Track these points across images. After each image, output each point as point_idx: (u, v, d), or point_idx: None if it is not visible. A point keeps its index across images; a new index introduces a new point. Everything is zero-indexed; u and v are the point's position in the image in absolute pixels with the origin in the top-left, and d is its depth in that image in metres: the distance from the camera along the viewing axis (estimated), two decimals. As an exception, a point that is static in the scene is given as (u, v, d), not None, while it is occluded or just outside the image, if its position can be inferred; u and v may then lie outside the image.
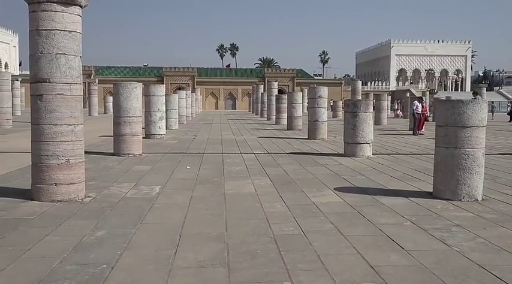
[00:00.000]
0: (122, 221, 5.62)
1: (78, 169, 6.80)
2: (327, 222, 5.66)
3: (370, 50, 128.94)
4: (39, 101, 6.57)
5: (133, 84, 12.56)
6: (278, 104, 29.14)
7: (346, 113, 12.78)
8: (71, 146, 6.68)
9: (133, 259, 4.30)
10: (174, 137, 18.10)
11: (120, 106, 12.28)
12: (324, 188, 7.83)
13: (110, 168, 9.86)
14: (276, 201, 6.85)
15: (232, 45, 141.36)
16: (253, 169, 9.87)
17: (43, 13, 6.45)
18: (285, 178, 8.78)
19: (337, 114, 39.93)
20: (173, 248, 4.61)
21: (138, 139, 12.42)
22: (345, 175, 9.13)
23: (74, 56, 6.67)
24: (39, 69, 6.52)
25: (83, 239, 4.86)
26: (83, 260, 4.24)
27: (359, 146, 12.18)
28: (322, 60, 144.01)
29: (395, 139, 19.02)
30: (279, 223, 5.59)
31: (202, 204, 6.55)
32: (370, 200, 6.93)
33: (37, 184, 6.63)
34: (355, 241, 4.90)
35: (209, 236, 5.03)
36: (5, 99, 24.11)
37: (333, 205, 6.60)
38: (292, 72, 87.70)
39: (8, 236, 4.93)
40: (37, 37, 6.49)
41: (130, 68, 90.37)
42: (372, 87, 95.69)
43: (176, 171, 9.58)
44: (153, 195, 7.12)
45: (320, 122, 17.90)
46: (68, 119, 6.64)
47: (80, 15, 6.74)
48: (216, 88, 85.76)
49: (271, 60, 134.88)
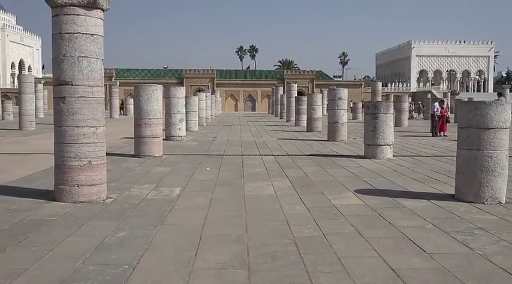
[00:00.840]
0: (142, 222, 5.67)
1: (100, 171, 6.88)
2: (347, 224, 5.63)
3: (390, 51, 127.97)
4: (61, 103, 6.67)
5: (154, 86, 12.66)
6: (298, 106, 29.07)
7: (366, 115, 12.69)
8: (93, 148, 6.77)
9: (154, 260, 4.33)
10: (194, 139, 18.19)
11: (141, 109, 12.38)
12: (344, 190, 7.79)
13: (130, 170, 9.95)
14: (296, 202, 6.84)
15: (252, 47, 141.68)
16: (273, 171, 9.86)
17: (66, 17, 6.55)
18: (305, 180, 8.76)
19: (357, 116, 39.68)
20: (193, 249, 4.63)
21: (159, 141, 12.52)
22: (365, 177, 9.07)
23: (96, 59, 6.76)
24: (62, 72, 6.62)
25: (105, 240, 4.92)
26: (104, 260, 4.28)
27: (379, 148, 12.09)
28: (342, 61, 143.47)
29: (416, 141, 18.82)
30: (299, 225, 5.58)
31: (222, 206, 6.57)
32: (391, 202, 6.87)
33: (60, 185, 6.73)
34: (375, 243, 4.86)
35: (229, 238, 5.04)
36: (28, 101, 24.51)
37: (353, 207, 6.56)
38: (311, 74, 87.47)
39: (32, 237, 5.01)
40: (60, 40, 6.59)
41: (151, 70, 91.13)
42: (392, 89, 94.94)
43: (196, 172, 9.62)
44: (173, 197, 7.17)
45: (340, 124, 17.81)
46: (90, 121, 6.72)
47: (101, 18, 6.82)
48: (235, 90, 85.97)
49: (290, 62, 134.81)
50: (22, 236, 5.00)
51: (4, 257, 4.36)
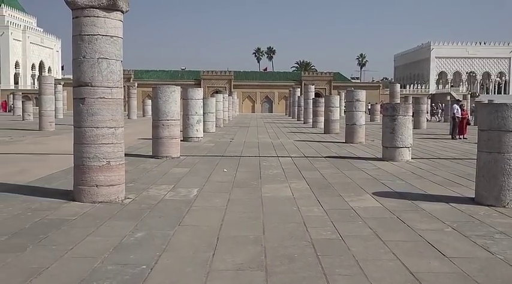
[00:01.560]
0: (160, 223, 5.70)
1: (119, 171, 6.93)
2: (365, 227, 5.59)
3: (409, 52, 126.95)
4: (81, 104, 6.74)
5: (172, 87, 12.73)
6: (315, 107, 29.00)
7: (384, 117, 12.60)
8: (112, 148, 6.83)
9: (172, 260, 4.35)
10: (211, 140, 18.24)
11: (158, 110, 12.46)
12: (362, 192, 7.74)
13: (148, 170, 10.02)
14: (314, 204, 6.81)
15: (269, 49, 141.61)
16: (290, 173, 9.84)
17: (86, 19, 6.62)
18: (323, 182, 8.73)
19: (375, 118, 39.45)
20: (211, 250, 4.64)
21: (176, 142, 12.58)
22: (383, 180, 9.00)
23: (115, 60, 6.82)
24: (82, 73, 6.69)
25: (123, 240, 4.95)
26: (123, 260, 4.31)
27: (398, 150, 11.99)
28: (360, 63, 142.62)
29: (435, 143, 18.64)
30: (317, 227, 5.56)
31: (239, 207, 6.58)
32: (410, 205, 6.81)
33: (79, 186, 6.80)
34: (394, 246, 4.82)
35: (247, 239, 5.04)
36: (48, 102, 24.82)
37: (372, 209, 6.52)
38: (329, 75, 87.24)
39: (52, 236, 5.07)
40: (80, 42, 6.67)
41: (169, 71, 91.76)
42: (411, 90, 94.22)
43: (213, 173, 9.65)
44: (191, 197, 7.19)
45: (358, 126, 17.71)
46: (109, 122, 6.78)
47: (121, 20, 6.88)
48: (252, 92, 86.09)
49: (308, 63, 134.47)
50: (42, 235, 5.07)
51: (25, 256, 4.42)
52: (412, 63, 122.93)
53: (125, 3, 6.79)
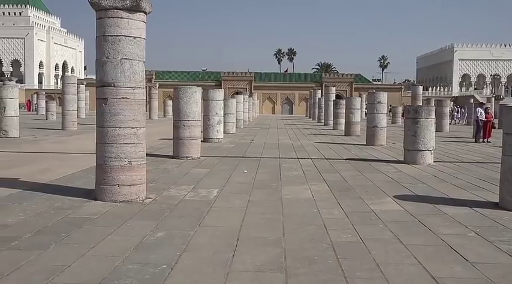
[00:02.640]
0: (181, 223, 5.72)
1: (140, 171, 6.99)
2: (386, 230, 5.54)
3: (432, 54, 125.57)
4: (104, 104, 6.81)
5: (193, 88, 12.79)
6: (336, 109, 28.88)
7: (406, 119, 12.47)
8: (133, 148, 6.88)
9: (192, 260, 4.37)
10: (232, 141, 18.28)
11: (180, 110, 12.53)
12: (383, 195, 7.67)
13: (169, 171, 10.08)
14: (334, 207, 6.77)
15: (290, 50, 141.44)
16: (310, 175, 9.81)
17: (109, 19, 6.69)
18: (343, 185, 8.67)
19: (396, 120, 39.09)
20: (231, 251, 4.64)
21: (197, 143, 12.63)
22: (404, 183, 8.91)
23: (138, 61, 6.88)
24: (105, 74, 6.76)
25: (144, 239, 4.99)
26: (143, 260, 4.34)
27: (420, 153, 11.85)
28: (382, 65, 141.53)
29: (458, 146, 18.38)
30: (337, 229, 5.52)
31: (259, 208, 6.57)
32: (432, 209, 6.72)
33: (100, 185, 6.87)
34: (415, 250, 4.76)
35: (266, 240, 5.04)
36: (71, 102, 25.17)
37: (393, 213, 6.45)
38: (350, 77, 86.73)
39: (74, 234, 5.13)
40: (103, 43, 6.74)
41: (190, 72, 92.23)
42: (434, 93, 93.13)
43: (233, 174, 9.66)
44: (211, 198, 7.21)
45: (379, 128, 17.57)
46: (131, 122, 6.84)
47: (144, 21, 6.94)
48: (273, 93, 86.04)
49: (329, 65, 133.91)
50: (64, 233, 5.13)
51: (47, 253, 4.48)
52: (434, 65, 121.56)
53: (148, 5, 6.84)
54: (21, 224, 5.51)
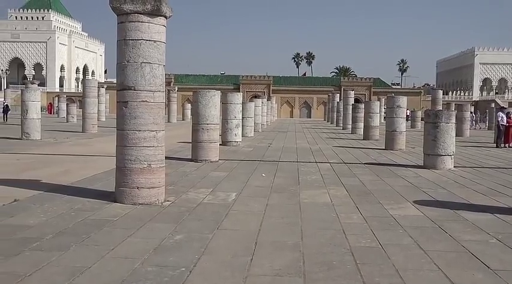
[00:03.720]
0: (199, 226, 5.74)
1: (159, 174, 7.04)
2: (405, 236, 5.48)
3: (452, 58, 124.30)
4: (124, 108, 6.88)
5: (212, 92, 12.84)
6: (354, 113, 28.73)
7: (426, 123, 12.35)
8: (153, 151, 6.93)
9: (211, 263, 4.38)
10: (250, 144, 18.30)
11: (198, 114, 12.59)
12: (402, 200, 7.60)
13: (188, 174, 10.13)
14: (353, 211, 6.73)
15: (309, 54, 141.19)
16: (329, 179, 9.77)
17: (130, 24, 6.76)
18: (362, 189, 8.62)
19: (416, 124, 38.74)
20: (249, 255, 4.64)
21: (215, 146, 12.68)
22: (424, 188, 8.82)
23: (158, 65, 6.94)
24: (126, 77, 6.83)
25: (163, 242, 5.02)
26: (162, 262, 4.37)
27: (440, 158, 11.73)
28: (401, 68, 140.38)
29: (479, 151, 18.14)
30: (356, 234, 5.49)
31: (277, 212, 6.57)
32: (452, 215, 6.64)
33: (120, 187, 6.93)
34: (435, 256, 4.70)
35: (285, 244, 5.03)
36: (91, 105, 25.49)
37: (412, 218, 6.39)
38: (369, 81, 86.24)
39: (94, 236, 5.18)
40: (124, 47, 6.81)
41: (208, 76, 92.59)
42: (454, 97, 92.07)
43: (252, 178, 9.67)
44: (229, 201, 7.23)
45: (398, 132, 17.44)
46: (151, 125, 6.89)
47: (164, 25, 7.00)
48: (291, 97, 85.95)
49: (347, 69, 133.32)
50: (85, 235, 5.19)
51: (68, 254, 4.53)
52: (455, 69, 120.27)
53: (168, 9, 6.90)
54: (43, 225, 5.59)
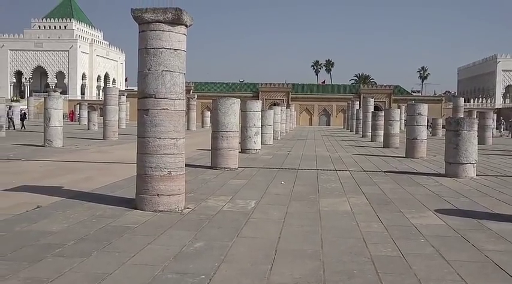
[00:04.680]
0: (219, 233, 5.75)
1: (179, 181, 7.07)
2: (427, 245, 5.41)
3: (473, 65, 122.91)
4: (145, 115, 6.94)
5: (232, 99, 12.89)
6: (374, 121, 28.56)
7: (448, 131, 12.21)
8: (173, 159, 6.98)
9: (231, 271, 4.38)
10: (269, 152, 18.29)
11: (218, 121, 12.64)
12: (423, 209, 7.51)
13: (207, 181, 10.16)
14: (373, 220, 6.68)
15: (328, 61, 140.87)
16: (349, 187, 9.70)
17: (151, 32, 6.83)
18: (382, 197, 8.54)
19: (437, 132, 38.32)
20: (269, 263, 4.63)
21: (235, 154, 12.70)
22: (446, 197, 8.70)
23: (179, 73, 6.99)
24: (147, 85, 6.90)
25: (183, 249, 5.03)
26: (182, 269, 4.38)
27: (461, 166, 11.57)
28: (421, 76, 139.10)
29: (502, 159, 17.85)
30: (376, 243, 5.44)
31: (297, 220, 6.54)
32: (475, 224, 6.54)
33: (141, 194, 6.98)
34: (458, 267, 4.63)
35: (304, 253, 5.00)
36: (112, 112, 25.77)
37: (434, 227, 6.31)
38: (389, 89, 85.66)
39: (115, 243, 5.22)
40: (145, 55, 6.89)
41: (227, 83, 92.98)
42: (475, 105, 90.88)
43: (271, 186, 9.66)
44: (248, 209, 7.22)
45: (419, 140, 17.27)
46: (171, 133, 6.94)
47: (185, 34, 7.06)
48: (310, 104, 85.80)
49: (367, 76, 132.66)
50: (106, 241, 5.23)
51: (90, 261, 4.58)
52: (476, 76, 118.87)
53: (189, 18, 6.96)
54: (65, 231, 5.65)
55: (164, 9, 6.77)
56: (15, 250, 4.86)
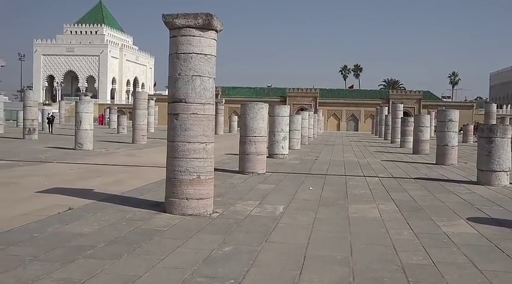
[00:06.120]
0: (247, 238, 5.75)
1: (208, 185, 7.11)
2: (459, 254, 5.30)
3: (506, 70, 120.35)
4: (175, 120, 7.01)
5: (260, 104, 12.91)
6: (403, 127, 28.19)
7: (480, 138, 11.97)
8: (202, 163, 7.02)
9: (259, 276, 4.37)
10: (297, 157, 18.24)
11: (246, 126, 12.67)
12: (455, 217, 7.37)
13: (235, 185, 10.18)
14: (403, 227, 6.58)
15: (356, 66, 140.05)
16: (378, 193, 9.59)
17: (182, 38, 6.90)
18: (412, 205, 8.42)
19: (468, 139, 37.59)
20: (298, 269, 4.60)
21: (263, 159, 12.70)
22: (478, 205, 8.52)
23: (208, 78, 7.04)
24: (177, 90, 6.96)
25: (212, 253, 5.05)
26: (211, 273, 4.39)
27: (494, 174, 11.31)
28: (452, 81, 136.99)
29: (536, 167, 17.38)
30: (407, 251, 5.35)
31: (326, 226, 6.50)
32: (509, 233, 6.38)
33: (170, 198, 7.04)
34: (492, 277, 4.52)
35: (333, 259, 4.96)
36: (141, 116, 26.07)
37: (466, 236, 6.18)
38: (418, 94, 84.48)
39: (145, 246, 5.27)
40: (176, 60, 6.95)
41: (255, 88, 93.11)
42: (509, 111, 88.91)
43: (299, 191, 9.62)
44: (277, 214, 7.21)
45: (450, 147, 16.96)
46: (201, 137, 6.99)
47: (215, 39, 7.11)
48: (338, 110, 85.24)
49: (396, 81, 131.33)
50: (136, 244, 5.29)
51: (120, 263, 4.63)
52: (509, 82, 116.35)
53: (219, 23, 7.01)
54: (96, 234, 5.73)
55: (195, 15, 6.83)
56: (48, 250, 4.95)
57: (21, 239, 5.36)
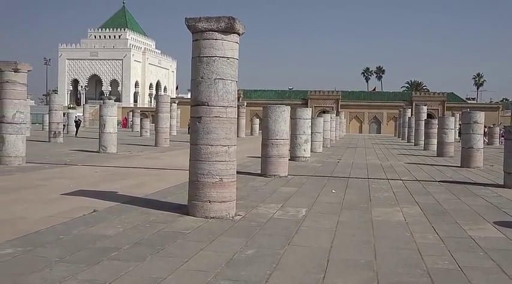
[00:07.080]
0: (270, 241, 5.74)
1: (230, 188, 7.12)
2: (486, 259, 5.21)
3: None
4: (198, 123, 7.04)
5: (282, 107, 12.90)
6: (427, 129, 27.84)
7: (506, 140, 11.76)
8: (225, 166, 7.03)
9: (283, 280, 4.35)
10: (318, 160, 18.16)
11: (268, 129, 12.67)
12: (481, 221, 7.24)
13: (257, 188, 10.18)
14: (428, 231, 6.49)
15: (378, 68, 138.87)
16: (402, 197, 9.49)
17: (205, 41, 6.94)
18: (437, 208, 8.30)
19: (493, 141, 36.95)
20: (321, 272, 4.58)
21: (285, 161, 12.68)
22: (505, 209, 8.36)
23: (231, 81, 7.06)
24: (199, 93, 7.00)
25: (234, 256, 5.05)
26: (234, 276, 4.39)
27: (521, 177, 11.08)
28: (477, 83, 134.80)
29: None
30: (432, 255, 5.28)
31: (349, 230, 6.45)
32: (538, 238, 6.24)
33: (193, 200, 7.07)
34: (521, 282, 4.43)
35: (357, 263, 4.92)
36: (164, 120, 26.29)
37: (493, 240, 6.06)
38: (442, 96, 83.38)
39: (168, 248, 5.31)
40: (199, 63, 6.99)
41: (276, 91, 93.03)
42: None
43: (321, 194, 9.58)
44: (299, 217, 7.18)
45: (475, 149, 16.69)
46: (223, 140, 7.01)
47: (237, 42, 7.13)
48: (360, 112, 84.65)
49: (419, 83, 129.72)
50: (159, 246, 5.32)
51: (144, 265, 4.67)
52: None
53: (241, 26, 7.02)
54: (120, 236, 5.79)
55: (217, 18, 6.86)
56: (74, 252, 5.02)
57: (48, 241, 5.45)
